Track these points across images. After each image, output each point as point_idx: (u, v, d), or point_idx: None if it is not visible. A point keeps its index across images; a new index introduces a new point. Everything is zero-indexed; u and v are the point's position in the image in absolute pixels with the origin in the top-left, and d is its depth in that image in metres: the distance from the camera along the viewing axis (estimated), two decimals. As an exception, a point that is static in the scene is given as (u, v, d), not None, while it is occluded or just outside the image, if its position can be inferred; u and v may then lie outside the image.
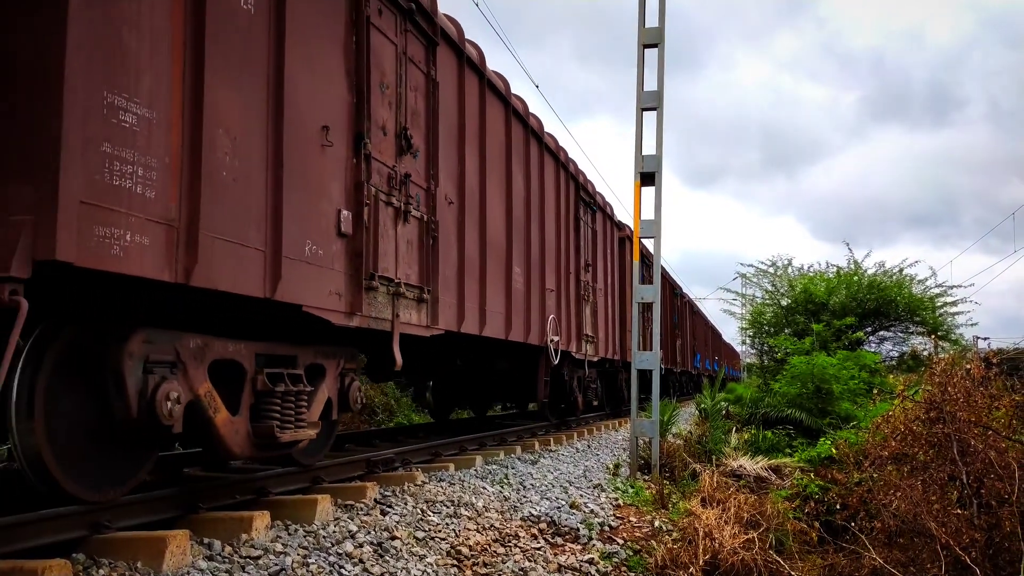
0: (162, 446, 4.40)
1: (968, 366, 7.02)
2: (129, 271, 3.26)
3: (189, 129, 3.62)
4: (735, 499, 6.64)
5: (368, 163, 5.21)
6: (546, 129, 9.86)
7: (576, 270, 11.30)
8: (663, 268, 22.93)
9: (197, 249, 3.60)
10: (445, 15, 6.79)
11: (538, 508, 6.05)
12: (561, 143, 10.65)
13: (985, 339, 29.94)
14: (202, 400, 4.00)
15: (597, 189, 12.88)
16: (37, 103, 2.98)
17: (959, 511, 5.76)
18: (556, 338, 9.84)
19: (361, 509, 4.90)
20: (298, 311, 4.49)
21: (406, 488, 5.62)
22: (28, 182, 2.95)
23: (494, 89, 7.94)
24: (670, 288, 23.65)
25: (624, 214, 13.71)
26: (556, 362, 9.78)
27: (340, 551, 4.10)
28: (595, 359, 12.41)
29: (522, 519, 5.74)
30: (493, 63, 7.45)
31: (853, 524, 6.53)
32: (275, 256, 4.21)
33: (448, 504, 5.49)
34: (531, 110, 9.33)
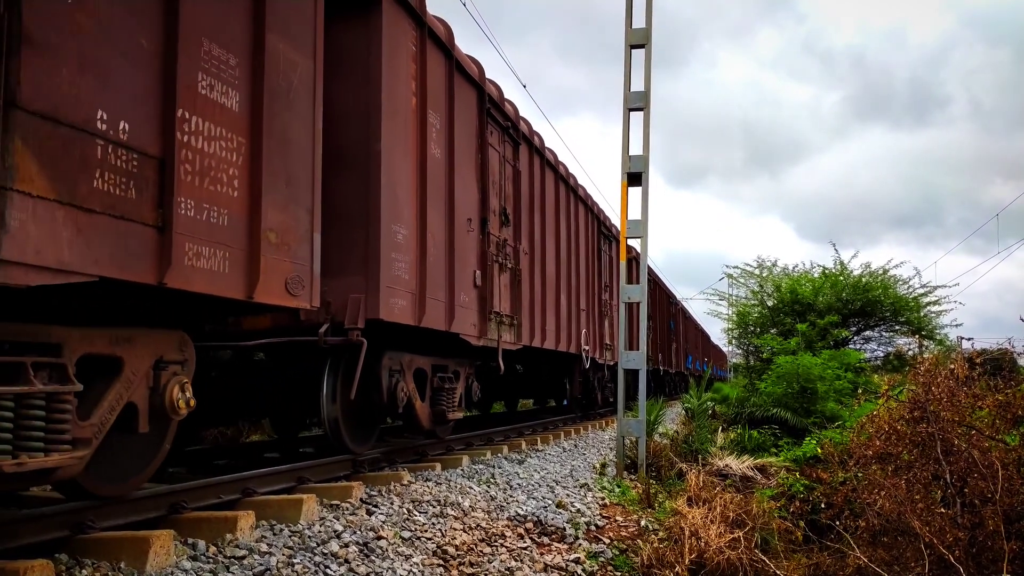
0: (384, 421, 7.02)
1: (952, 366, 6.96)
2: (399, 321, 5.93)
3: (420, 237, 6.29)
4: (721, 498, 6.69)
5: (488, 238, 7.88)
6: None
7: (599, 291, 14.00)
8: (660, 277, 25.59)
9: (425, 305, 6.26)
10: (523, 119, 9.44)
11: (525, 508, 6.07)
12: (583, 183, 13.31)
13: (969, 339, 29.31)
14: (411, 393, 6.65)
15: (612, 222, 15.56)
16: (366, 234, 5.63)
17: (943, 510, 5.71)
18: (587, 347, 12.52)
19: (347, 509, 4.89)
20: (456, 337, 7.15)
21: (392, 488, 5.65)
22: (362, 275, 5.60)
23: (549, 163, 10.62)
24: (666, 296, 26.30)
25: (611, 212, 15.96)
26: (587, 366, 12.46)
27: (325, 551, 4.10)
28: (612, 363, 15.10)
29: (508, 519, 5.74)
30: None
31: (838, 523, 6.54)
32: (450, 305, 6.88)
33: (434, 504, 5.49)
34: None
